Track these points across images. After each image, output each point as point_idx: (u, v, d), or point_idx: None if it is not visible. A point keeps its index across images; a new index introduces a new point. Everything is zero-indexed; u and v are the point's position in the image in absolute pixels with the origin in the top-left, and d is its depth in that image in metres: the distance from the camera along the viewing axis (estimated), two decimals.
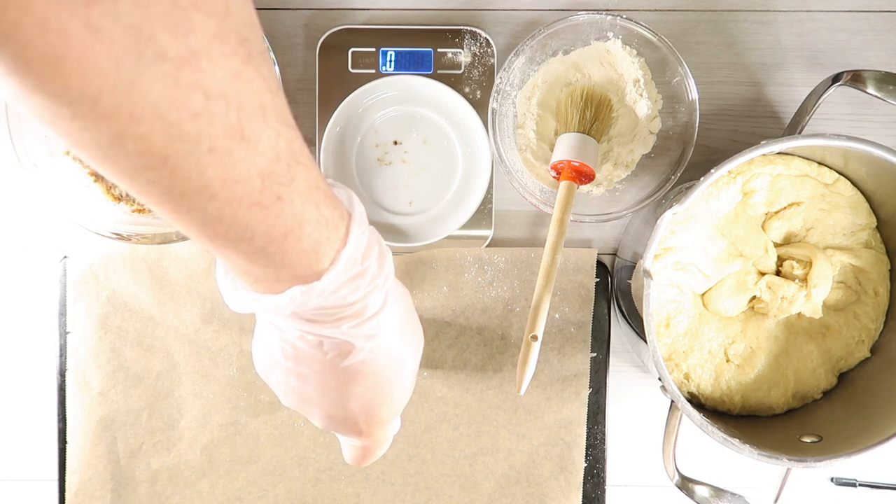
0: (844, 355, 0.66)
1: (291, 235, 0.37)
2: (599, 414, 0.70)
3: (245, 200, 0.35)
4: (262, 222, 0.36)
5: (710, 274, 0.64)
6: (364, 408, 0.48)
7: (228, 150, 0.33)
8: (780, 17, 0.69)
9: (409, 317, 0.50)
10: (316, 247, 0.39)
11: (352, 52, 0.69)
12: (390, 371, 0.48)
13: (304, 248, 0.38)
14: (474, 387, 0.70)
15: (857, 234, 0.65)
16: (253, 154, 0.34)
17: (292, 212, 0.37)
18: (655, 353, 0.57)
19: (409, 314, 0.50)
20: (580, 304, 0.70)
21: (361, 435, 0.50)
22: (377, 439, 0.51)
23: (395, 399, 0.49)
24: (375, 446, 0.52)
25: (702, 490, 0.59)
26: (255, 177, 0.34)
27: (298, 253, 0.38)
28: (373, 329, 0.45)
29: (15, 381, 0.72)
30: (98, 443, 0.70)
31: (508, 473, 0.70)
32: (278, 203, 0.36)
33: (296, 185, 0.37)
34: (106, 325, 0.70)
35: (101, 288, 0.70)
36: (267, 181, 0.35)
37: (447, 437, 0.70)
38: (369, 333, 0.45)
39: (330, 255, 0.40)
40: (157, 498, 0.70)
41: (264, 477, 0.70)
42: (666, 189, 0.66)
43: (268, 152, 0.34)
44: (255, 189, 0.35)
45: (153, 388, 0.70)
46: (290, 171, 0.36)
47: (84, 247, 0.70)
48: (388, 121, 0.69)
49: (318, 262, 0.39)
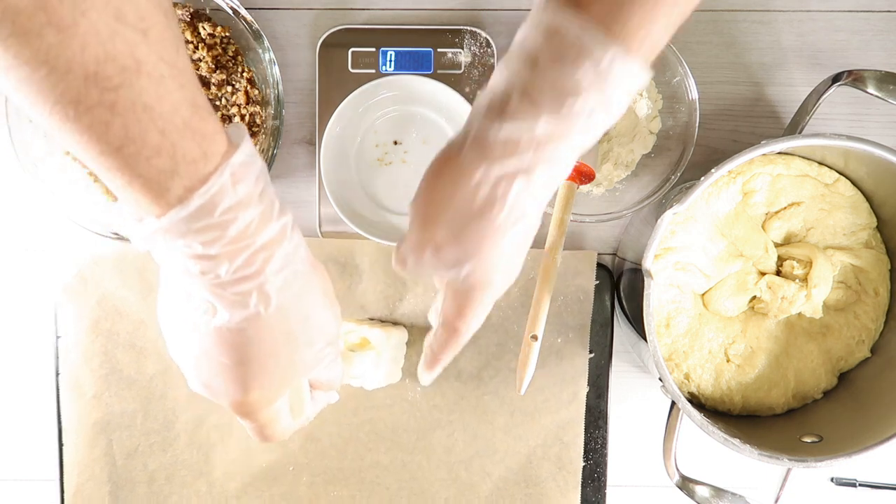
0: (844, 355, 0.66)
1: (146, 144, 0.37)
2: (601, 419, 0.70)
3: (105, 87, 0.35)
4: (122, 126, 0.36)
5: (711, 274, 0.64)
6: (231, 382, 0.43)
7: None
8: (780, 17, 0.69)
9: (315, 302, 0.45)
10: (180, 165, 0.38)
11: (352, 52, 0.68)
12: (268, 351, 0.43)
13: (164, 163, 0.37)
14: (469, 393, 0.70)
15: (858, 234, 0.65)
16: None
17: (151, 120, 0.36)
18: (656, 353, 0.57)
19: (315, 300, 0.45)
20: (581, 305, 0.70)
21: (233, 412, 0.45)
22: (255, 420, 0.46)
23: (272, 382, 0.44)
24: (262, 427, 0.47)
25: (702, 490, 0.59)
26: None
27: (161, 169, 0.37)
28: (247, 297, 0.41)
29: (15, 382, 0.72)
30: (94, 445, 0.70)
31: (506, 475, 0.70)
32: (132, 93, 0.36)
33: (156, 92, 0.36)
34: (97, 329, 0.70)
35: (90, 292, 0.69)
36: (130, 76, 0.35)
37: (442, 443, 0.70)
38: (241, 300, 0.41)
39: (195, 177, 0.38)
40: (156, 498, 0.70)
41: (260, 479, 0.70)
42: (666, 189, 0.66)
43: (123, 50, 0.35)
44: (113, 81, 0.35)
45: (147, 390, 0.70)
46: (145, 78, 0.36)
47: (72, 251, 0.69)
48: (388, 121, 0.69)
49: (167, 195, 0.38)
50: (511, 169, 0.40)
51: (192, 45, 0.66)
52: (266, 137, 0.67)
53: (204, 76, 0.66)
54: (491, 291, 0.46)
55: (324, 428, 0.70)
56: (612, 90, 0.38)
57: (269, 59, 0.66)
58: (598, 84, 0.37)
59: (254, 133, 0.67)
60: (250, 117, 0.66)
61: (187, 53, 0.40)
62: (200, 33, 0.66)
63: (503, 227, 0.42)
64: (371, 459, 0.70)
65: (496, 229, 0.42)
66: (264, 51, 0.65)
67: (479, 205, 0.41)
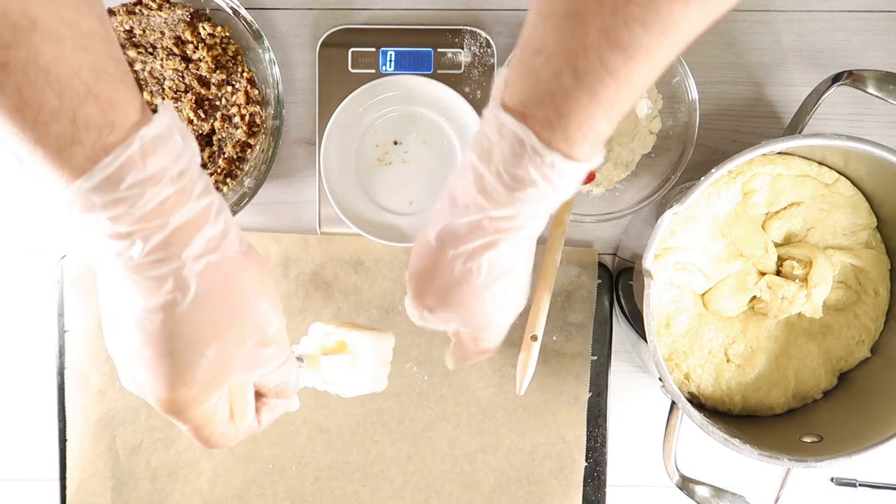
0: (844, 355, 0.66)
1: (43, 109, 0.35)
2: (600, 417, 0.70)
3: None
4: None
5: (711, 274, 0.64)
6: (155, 376, 0.41)
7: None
8: (780, 17, 0.69)
9: (247, 294, 0.42)
10: (81, 132, 0.35)
11: (352, 52, 0.68)
12: (190, 344, 0.40)
13: (63, 129, 0.35)
14: (473, 385, 0.70)
15: (858, 233, 0.65)
16: None
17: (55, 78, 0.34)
18: (656, 353, 0.57)
19: (248, 292, 0.42)
20: (581, 305, 0.70)
21: (161, 411, 0.42)
22: (185, 421, 0.43)
23: (196, 380, 0.41)
24: (197, 429, 0.44)
25: (702, 490, 0.59)
26: None
27: (60, 136, 0.35)
28: (163, 282, 0.39)
29: (15, 382, 0.72)
30: (98, 441, 0.70)
31: (508, 472, 0.70)
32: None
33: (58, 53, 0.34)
34: None
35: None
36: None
37: (447, 436, 0.70)
38: (156, 285, 0.39)
39: (97, 146, 0.36)
40: (158, 495, 0.70)
41: (263, 475, 0.70)
42: (666, 189, 0.66)
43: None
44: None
45: None
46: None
47: (81, 246, 0.70)
48: (388, 121, 0.69)
49: (69, 165, 0.36)
50: (478, 246, 0.45)
51: (191, 45, 0.66)
52: (266, 137, 0.67)
53: (204, 76, 0.66)
54: (489, 334, 0.51)
55: (332, 419, 0.70)
56: (560, 181, 0.42)
57: (269, 59, 0.66)
58: (546, 177, 0.42)
59: (254, 133, 0.67)
60: (250, 117, 0.66)
61: (106, 19, 0.37)
62: (200, 33, 0.66)
63: (483, 286, 0.47)
64: (377, 452, 0.71)
65: (476, 291, 0.47)
66: (264, 51, 0.65)
67: (457, 276, 0.46)
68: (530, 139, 0.40)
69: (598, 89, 0.38)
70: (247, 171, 0.67)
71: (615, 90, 0.38)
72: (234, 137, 0.67)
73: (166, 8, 0.65)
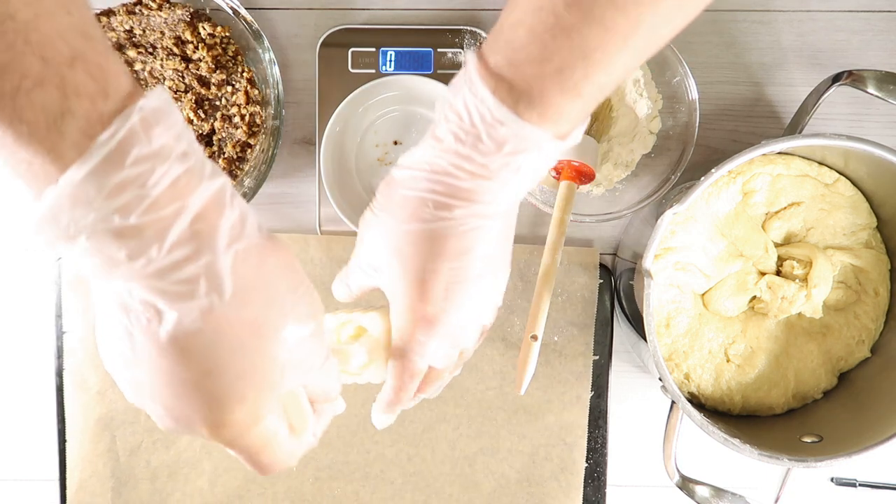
0: (844, 355, 0.66)
1: (25, 74, 0.29)
2: (601, 418, 0.70)
3: None
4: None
5: (711, 274, 0.64)
6: (202, 401, 0.34)
7: None
8: (780, 17, 0.69)
9: (281, 281, 0.37)
10: (72, 100, 0.30)
11: (352, 52, 0.68)
12: (236, 350, 0.34)
13: (50, 97, 0.29)
14: (474, 387, 0.70)
15: (858, 234, 0.65)
16: None
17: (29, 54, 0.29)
18: (656, 353, 0.57)
19: (281, 278, 0.37)
20: (583, 305, 0.70)
21: (217, 440, 0.36)
22: (246, 445, 0.37)
23: (254, 389, 0.35)
24: (252, 455, 0.37)
25: (702, 490, 0.59)
26: None
27: (47, 107, 0.29)
28: (194, 284, 0.33)
29: (14, 383, 0.72)
30: (98, 441, 0.70)
31: (509, 473, 0.70)
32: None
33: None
34: None
35: None
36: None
37: (447, 437, 0.70)
38: (187, 289, 0.33)
39: (92, 117, 0.30)
40: (158, 495, 0.70)
41: (263, 477, 0.70)
42: (666, 189, 0.66)
43: None
44: None
45: None
46: None
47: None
48: (388, 121, 0.69)
49: (60, 143, 0.30)
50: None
51: (192, 45, 0.66)
52: (266, 137, 0.67)
53: (204, 76, 0.66)
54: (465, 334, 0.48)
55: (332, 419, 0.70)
56: (529, 154, 0.41)
57: (269, 59, 0.66)
58: (515, 145, 0.41)
59: (254, 133, 0.67)
60: (250, 117, 0.66)
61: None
62: (200, 33, 0.66)
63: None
64: (376, 452, 0.71)
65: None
66: (264, 51, 0.65)
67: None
68: (500, 110, 0.39)
69: (566, 63, 0.38)
70: (247, 171, 0.67)
71: (582, 69, 0.38)
72: (234, 137, 0.67)
73: (166, 8, 0.65)
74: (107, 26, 0.65)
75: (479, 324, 0.48)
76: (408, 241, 0.44)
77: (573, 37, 0.37)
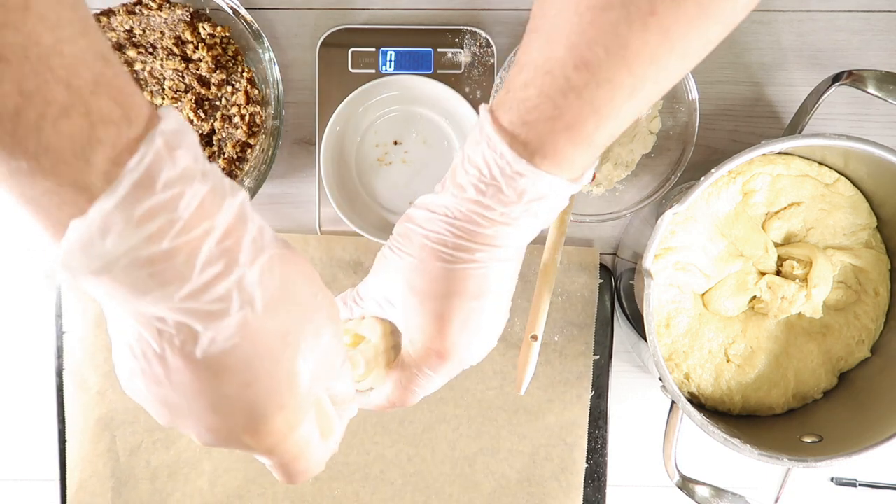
0: (844, 355, 0.66)
1: (50, 103, 0.28)
2: (601, 418, 0.70)
3: None
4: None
5: (711, 274, 0.64)
6: (244, 413, 0.35)
7: None
8: (780, 17, 0.69)
9: (303, 288, 0.38)
10: (98, 128, 0.29)
11: (352, 52, 0.68)
12: (271, 359, 0.35)
13: (77, 126, 0.29)
14: (474, 387, 0.70)
15: (858, 233, 0.65)
16: None
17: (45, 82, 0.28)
18: (656, 353, 0.57)
19: (303, 285, 0.38)
20: (583, 305, 0.70)
21: (254, 451, 0.37)
22: (283, 452, 0.38)
23: (292, 395, 0.36)
24: (289, 462, 0.38)
25: (702, 490, 0.59)
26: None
27: (74, 136, 0.29)
28: (227, 301, 0.33)
29: (14, 383, 0.72)
30: (98, 441, 0.70)
31: (509, 474, 0.70)
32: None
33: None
34: (102, 325, 0.70)
35: None
36: None
37: (447, 438, 0.70)
38: (220, 307, 0.33)
39: (119, 144, 0.30)
40: (158, 495, 0.70)
41: (263, 475, 0.70)
42: (666, 189, 0.66)
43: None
44: None
45: None
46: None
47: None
48: (388, 121, 0.69)
49: (88, 172, 0.29)
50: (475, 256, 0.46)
51: (192, 45, 0.66)
52: (266, 137, 0.67)
53: (204, 76, 0.66)
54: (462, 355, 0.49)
55: None
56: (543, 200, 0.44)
57: (269, 59, 0.66)
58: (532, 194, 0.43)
59: (254, 133, 0.67)
60: (250, 117, 0.66)
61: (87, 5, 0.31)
62: (200, 33, 0.66)
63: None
64: (376, 453, 0.71)
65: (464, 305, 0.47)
66: (264, 51, 0.65)
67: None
68: (518, 163, 0.42)
69: (572, 112, 0.41)
70: (247, 171, 0.67)
71: (594, 121, 0.41)
72: (234, 137, 0.67)
73: (166, 8, 0.65)
74: (107, 26, 0.65)
75: (485, 352, 0.51)
76: (428, 280, 0.46)
77: (583, 95, 0.40)
